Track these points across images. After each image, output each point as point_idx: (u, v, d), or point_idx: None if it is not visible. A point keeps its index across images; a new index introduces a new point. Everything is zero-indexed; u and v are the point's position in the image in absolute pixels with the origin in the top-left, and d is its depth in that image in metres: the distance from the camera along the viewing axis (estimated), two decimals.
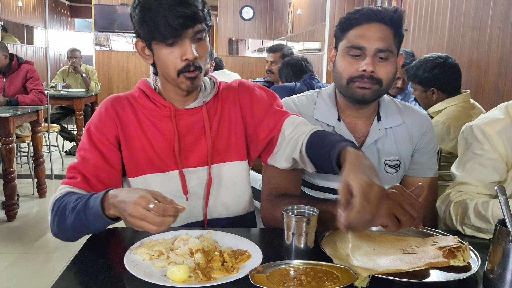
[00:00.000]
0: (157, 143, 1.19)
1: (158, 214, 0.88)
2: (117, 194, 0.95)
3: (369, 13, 1.22)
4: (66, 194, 1.09)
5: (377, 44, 1.20)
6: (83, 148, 1.17)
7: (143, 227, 0.89)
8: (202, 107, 1.22)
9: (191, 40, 1.09)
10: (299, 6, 7.22)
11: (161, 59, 1.12)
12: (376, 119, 1.34)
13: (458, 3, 3.19)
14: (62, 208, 1.05)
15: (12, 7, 7.24)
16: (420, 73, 2.25)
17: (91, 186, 1.13)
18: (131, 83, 9.07)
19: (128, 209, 0.89)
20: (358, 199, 0.81)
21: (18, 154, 4.73)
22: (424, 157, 1.37)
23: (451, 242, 0.99)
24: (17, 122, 3.54)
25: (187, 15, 1.04)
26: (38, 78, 4.14)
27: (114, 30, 8.76)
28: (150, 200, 0.88)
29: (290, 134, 1.18)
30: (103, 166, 1.16)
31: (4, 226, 3.35)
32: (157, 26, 1.06)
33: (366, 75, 1.21)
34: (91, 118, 1.22)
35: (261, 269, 0.87)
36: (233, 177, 1.25)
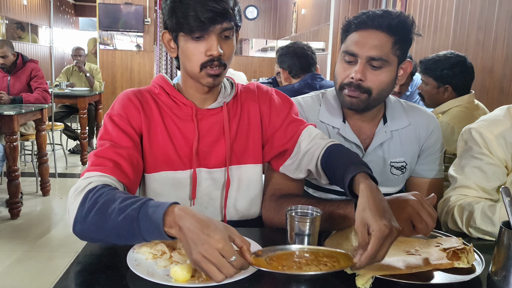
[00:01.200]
0: (177, 141, 1.17)
1: (235, 268, 0.79)
2: (187, 216, 0.82)
3: (366, 19, 1.19)
4: (103, 187, 0.95)
5: (370, 52, 1.18)
6: (109, 135, 1.09)
7: (210, 272, 0.78)
8: (223, 107, 1.21)
9: (217, 36, 1.08)
10: (304, 6, 7.21)
11: (186, 52, 1.11)
12: (382, 121, 1.33)
13: (463, 3, 3.18)
14: (103, 206, 0.90)
15: (17, 5, 7.26)
16: (438, 69, 2.19)
17: (125, 173, 1.05)
18: (135, 82, 9.07)
19: (203, 249, 0.78)
20: (374, 245, 0.82)
21: (22, 152, 4.75)
22: (430, 158, 1.37)
23: (455, 243, 0.98)
24: (22, 120, 3.55)
25: (217, 10, 1.04)
26: (42, 77, 4.15)
27: (118, 29, 8.76)
28: (232, 251, 0.78)
29: (307, 146, 1.17)
30: (134, 153, 1.09)
31: (8, 224, 3.36)
32: (185, 18, 1.05)
33: (354, 83, 1.21)
34: (111, 109, 1.15)
35: (260, 253, 0.88)
36: (248, 180, 1.24)
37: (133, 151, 1.09)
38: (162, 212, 0.84)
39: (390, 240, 0.83)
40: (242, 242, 0.82)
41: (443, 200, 1.28)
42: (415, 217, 0.97)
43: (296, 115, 1.27)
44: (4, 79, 4.05)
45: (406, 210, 0.98)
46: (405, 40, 1.21)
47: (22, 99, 3.92)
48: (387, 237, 0.82)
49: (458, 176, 1.27)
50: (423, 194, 1.30)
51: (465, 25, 3.16)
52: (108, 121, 1.12)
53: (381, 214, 0.85)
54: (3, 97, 3.80)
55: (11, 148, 3.35)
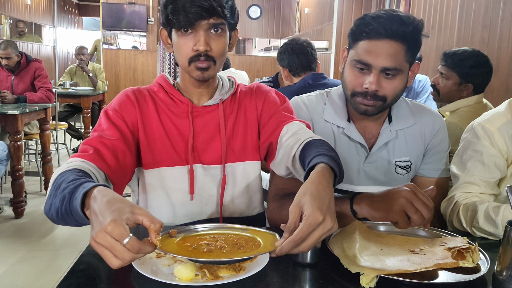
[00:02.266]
0: (173, 137, 1.20)
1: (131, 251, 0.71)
2: (97, 197, 0.78)
3: (380, 27, 1.15)
4: (71, 170, 0.93)
5: (384, 62, 1.16)
6: (100, 128, 1.12)
7: (105, 258, 0.72)
8: (219, 105, 1.23)
9: (205, 32, 1.10)
10: (307, 5, 7.21)
11: (176, 46, 1.14)
12: (388, 120, 1.33)
13: (467, 2, 3.17)
14: (58, 185, 0.89)
15: (21, 5, 7.29)
16: (465, 65, 2.11)
17: (105, 160, 1.04)
18: (138, 81, 9.09)
19: (95, 233, 0.72)
20: (302, 230, 0.77)
21: (26, 152, 4.76)
22: (436, 157, 1.36)
23: (460, 243, 0.98)
24: (25, 120, 3.56)
25: (204, 6, 1.06)
26: (46, 76, 4.16)
27: (121, 28, 8.79)
28: (125, 233, 0.70)
29: (287, 141, 1.15)
30: (120, 144, 1.10)
31: (12, 223, 3.37)
32: (174, 13, 1.08)
33: (369, 93, 1.19)
34: (109, 105, 1.20)
35: (173, 234, 0.86)
36: (246, 177, 1.25)
37: (119, 143, 1.09)
38: (82, 193, 0.80)
39: (321, 231, 0.78)
40: (151, 222, 0.74)
41: (447, 199, 1.28)
42: (408, 207, 0.95)
43: (287, 112, 1.25)
44: (8, 78, 4.06)
45: (398, 201, 0.96)
46: (416, 45, 1.20)
47: (26, 98, 3.94)
48: (319, 226, 0.78)
49: (460, 173, 1.27)
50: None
51: (469, 24, 3.14)
52: (102, 115, 1.16)
53: (320, 202, 0.80)
54: (7, 97, 3.81)
55: (15, 147, 3.36)
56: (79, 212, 0.80)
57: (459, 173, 1.28)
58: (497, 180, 1.25)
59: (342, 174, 0.96)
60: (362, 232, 1.05)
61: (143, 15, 8.78)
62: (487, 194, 1.24)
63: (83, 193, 0.80)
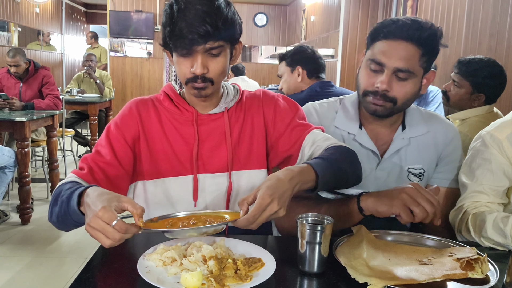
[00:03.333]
0: (178, 147, 1.21)
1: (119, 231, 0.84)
2: (89, 194, 0.92)
3: (397, 29, 1.18)
4: (68, 182, 1.08)
5: (397, 63, 1.17)
6: (100, 143, 1.20)
7: (98, 239, 0.85)
8: (224, 113, 1.23)
9: (203, 54, 1.10)
10: (313, 12, 7.23)
11: (176, 65, 1.16)
12: (401, 127, 1.33)
13: (474, 10, 3.16)
14: (56, 196, 1.04)
15: (30, 13, 7.36)
16: (479, 75, 2.08)
17: (96, 180, 1.13)
18: (145, 89, 9.13)
19: (89, 219, 0.86)
20: (254, 210, 0.90)
21: (33, 158, 4.79)
22: (449, 167, 1.35)
23: (468, 253, 0.97)
24: (33, 127, 3.59)
25: (200, 32, 1.05)
26: (54, 83, 4.19)
27: (128, 36, 8.85)
28: (113, 216, 0.84)
29: (310, 150, 1.18)
30: (113, 163, 1.16)
31: (19, 230, 3.39)
32: (172, 37, 1.09)
33: (380, 92, 1.20)
34: (115, 117, 1.24)
35: (155, 219, 1.00)
36: (252, 185, 1.25)
37: (110, 165, 1.16)
38: (78, 193, 0.95)
39: (268, 212, 0.90)
40: (133, 208, 0.88)
41: (456, 209, 1.27)
42: (410, 202, 1.01)
43: (302, 119, 1.27)
44: (16, 85, 4.10)
45: (400, 196, 1.04)
46: (433, 52, 1.20)
47: (33, 105, 3.96)
48: (267, 207, 0.90)
49: (469, 182, 1.27)
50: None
51: (477, 32, 3.14)
52: (106, 129, 1.22)
53: (272, 190, 0.91)
54: (15, 104, 3.84)
55: (23, 154, 3.38)
56: (76, 210, 0.93)
57: (468, 182, 1.27)
58: (505, 189, 1.24)
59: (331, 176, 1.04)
60: (369, 241, 1.04)
61: (150, 22, 8.84)
62: (496, 204, 1.23)
63: (78, 193, 0.95)
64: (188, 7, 1.06)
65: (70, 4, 9.34)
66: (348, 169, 1.11)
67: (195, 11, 1.05)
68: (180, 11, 1.06)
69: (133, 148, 1.21)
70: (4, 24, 6.55)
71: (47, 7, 8.04)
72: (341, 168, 1.07)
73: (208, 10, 1.06)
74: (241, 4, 9.27)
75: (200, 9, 1.06)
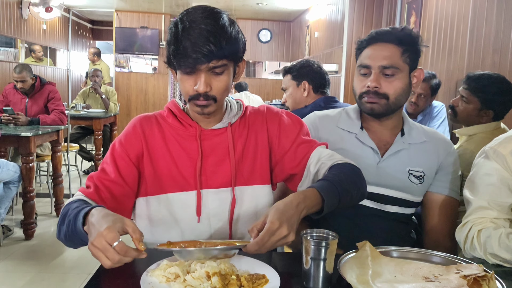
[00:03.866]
0: (181, 162, 1.21)
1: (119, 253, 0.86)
2: (94, 214, 0.94)
3: (375, 35, 1.36)
4: (75, 201, 1.10)
5: (381, 62, 1.32)
6: (105, 161, 1.21)
7: (99, 259, 0.87)
8: (227, 128, 1.24)
9: (206, 73, 1.10)
10: (317, 28, 7.28)
11: (179, 83, 1.17)
12: (400, 133, 1.41)
13: (478, 26, 3.18)
14: (64, 215, 1.06)
15: (37, 30, 7.46)
16: (489, 92, 2.05)
17: (102, 198, 1.15)
18: (150, 104, 9.19)
19: (92, 239, 0.88)
20: (263, 235, 0.91)
21: (37, 173, 4.80)
22: (448, 177, 1.42)
23: (475, 270, 0.95)
24: (38, 142, 3.60)
25: (203, 52, 1.06)
26: (59, 99, 4.22)
27: (134, 52, 8.95)
28: (115, 237, 0.86)
29: (315, 169, 1.20)
30: (117, 181, 1.18)
31: (22, 245, 3.38)
32: (176, 56, 1.10)
33: (371, 91, 1.33)
34: (120, 135, 1.26)
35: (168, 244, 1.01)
36: (255, 201, 1.25)
37: (115, 183, 1.17)
38: (83, 213, 0.97)
39: (277, 237, 0.91)
40: (133, 232, 0.90)
41: (462, 225, 1.26)
42: None
43: (306, 135, 1.28)
44: (22, 101, 4.13)
45: None
46: (413, 50, 1.34)
47: (39, 120, 3.98)
48: (276, 231, 0.91)
49: (473, 197, 1.26)
50: (437, 211, 1.40)
51: (480, 47, 3.14)
52: (111, 147, 1.23)
53: (281, 214, 0.93)
54: (20, 119, 3.86)
55: (27, 169, 3.39)
56: (81, 230, 0.95)
57: (472, 198, 1.26)
58: (510, 204, 1.23)
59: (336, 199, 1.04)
60: (374, 258, 1.03)
61: (155, 39, 8.94)
62: (502, 219, 1.22)
63: (84, 213, 0.97)
64: (192, 26, 1.07)
65: (77, 21, 9.47)
66: (352, 189, 1.11)
67: (199, 30, 1.06)
68: (184, 30, 1.07)
69: (137, 165, 1.21)
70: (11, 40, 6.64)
71: (54, 24, 8.16)
72: (345, 189, 1.08)
73: (212, 30, 1.07)
74: (245, 20, 9.36)
75: (204, 28, 1.06)
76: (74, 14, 9.17)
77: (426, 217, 1.44)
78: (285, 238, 0.92)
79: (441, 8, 3.74)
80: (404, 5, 4.48)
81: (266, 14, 8.90)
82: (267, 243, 0.91)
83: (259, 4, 7.81)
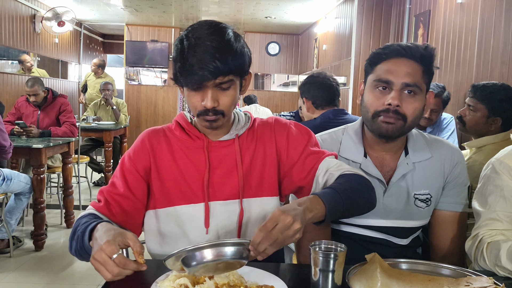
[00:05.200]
0: (189, 174, 1.22)
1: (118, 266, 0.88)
2: (99, 229, 0.99)
3: (399, 48, 1.24)
4: (86, 215, 1.14)
5: (405, 78, 1.21)
6: (115, 175, 1.23)
7: (100, 272, 0.90)
8: (235, 140, 1.24)
9: (213, 88, 1.12)
10: (325, 41, 7.32)
11: (187, 99, 1.18)
12: (404, 153, 1.34)
13: (485, 38, 3.18)
14: (74, 230, 1.10)
15: (49, 43, 7.59)
16: (495, 99, 2.06)
17: (112, 212, 1.18)
18: (159, 116, 9.26)
19: (93, 251, 0.92)
20: (267, 222, 0.91)
21: (48, 185, 4.84)
22: (455, 190, 1.36)
23: (485, 283, 0.95)
24: (49, 153, 3.64)
25: (209, 69, 1.07)
26: (71, 111, 4.28)
27: (144, 65, 9.05)
28: (115, 250, 0.89)
29: (323, 180, 1.19)
30: (127, 195, 1.20)
31: (32, 256, 3.40)
32: (182, 73, 1.11)
33: (391, 109, 1.22)
34: (129, 149, 1.28)
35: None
36: (263, 212, 1.25)
37: (125, 197, 1.20)
38: (89, 229, 1.02)
39: (281, 224, 0.90)
40: (133, 245, 0.91)
41: (472, 237, 1.25)
42: None
43: (315, 146, 1.28)
44: (34, 113, 4.19)
45: None
46: (430, 71, 1.27)
47: (50, 132, 4.04)
48: (279, 218, 0.90)
49: (482, 209, 1.26)
50: (447, 228, 1.35)
51: (488, 59, 3.14)
52: (120, 162, 1.26)
53: (284, 208, 0.93)
54: (32, 131, 3.92)
55: (38, 180, 3.43)
56: (88, 245, 1.00)
57: (481, 210, 1.26)
58: None
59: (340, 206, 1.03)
60: (383, 270, 1.03)
61: (165, 52, 9.04)
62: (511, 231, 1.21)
63: (90, 229, 1.02)
64: (198, 43, 1.08)
65: (88, 35, 9.61)
66: (359, 198, 1.09)
67: (205, 47, 1.07)
68: (190, 47, 1.09)
69: (146, 179, 1.23)
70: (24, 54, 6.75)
71: (66, 37, 8.29)
72: (350, 197, 1.06)
73: (217, 46, 1.08)
74: (254, 33, 9.44)
75: (209, 45, 1.07)
76: (85, 28, 9.31)
77: (433, 234, 1.39)
78: (290, 225, 0.90)
79: (449, 20, 3.75)
80: (412, 18, 4.50)
81: (275, 27, 8.97)
82: (272, 231, 0.90)
83: (267, 17, 7.88)
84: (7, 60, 6.44)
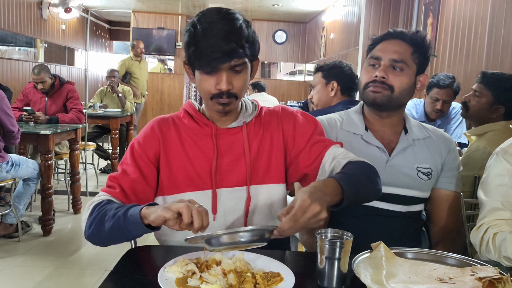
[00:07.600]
0: (198, 161, 1.23)
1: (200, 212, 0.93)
2: (151, 206, 0.99)
3: (391, 31, 1.41)
4: (107, 203, 1.12)
5: (392, 55, 1.36)
6: (125, 162, 1.23)
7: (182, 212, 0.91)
8: (242, 127, 1.25)
9: (227, 71, 1.13)
10: (332, 30, 7.27)
11: (199, 83, 1.18)
12: (404, 131, 1.44)
13: (496, 27, 3.14)
14: (102, 214, 1.08)
15: (56, 30, 7.59)
16: (502, 86, 2.08)
17: (127, 198, 1.19)
18: (165, 104, 9.27)
19: (173, 204, 0.94)
20: (294, 212, 0.92)
21: (55, 171, 4.88)
22: (451, 173, 1.45)
23: (491, 273, 0.95)
24: (57, 140, 3.67)
25: (225, 50, 1.08)
26: (78, 98, 4.29)
27: (150, 52, 9.04)
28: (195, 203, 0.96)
29: (330, 167, 1.20)
30: (139, 181, 1.20)
31: (40, 241, 3.44)
32: (196, 57, 1.12)
33: (378, 80, 1.36)
34: (137, 136, 1.28)
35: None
36: (270, 199, 1.26)
37: (138, 182, 1.20)
38: (139, 209, 1.00)
39: (310, 213, 0.92)
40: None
41: (477, 228, 1.26)
42: None
43: (321, 135, 1.29)
44: (42, 100, 4.21)
45: None
46: (422, 54, 1.38)
47: (58, 119, 4.06)
48: (307, 208, 0.92)
49: (486, 198, 1.27)
50: (444, 206, 1.44)
51: (498, 50, 3.11)
52: (129, 148, 1.26)
53: (310, 193, 0.95)
54: (40, 117, 3.94)
55: (46, 166, 3.46)
56: (139, 221, 0.98)
57: (486, 199, 1.27)
58: None
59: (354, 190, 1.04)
60: (389, 258, 1.04)
61: (171, 39, 9.02)
62: None
63: (140, 208, 1.00)
64: (211, 27, 1.10)
65: (95, 22, 9.61)
66: (369, 184, 1.12)
67: (218, 30, 1.09)
68: (204, 31, 1.10)
69: (156, 165, 1.24)
70: (31, 40, 6.77)
71: (72, 24, 8.29)
72: (362, 183, 1.09)
73: (231, 29, 1.10)
74: (261, 21, 9.39)
75: (222, 28, 1.09)
76: (92, 15, 9.30)
77: (433, 212, 1.47)
78: (318, 215, 0.93)
79: (459, 9, 3.70)
80: (421, 7, 4.45)
81: (282, 15, 8.91)
82: (300, 219, 0.92)
83: (275, 5, 7.83)
84: (15, 46, 6.46)
